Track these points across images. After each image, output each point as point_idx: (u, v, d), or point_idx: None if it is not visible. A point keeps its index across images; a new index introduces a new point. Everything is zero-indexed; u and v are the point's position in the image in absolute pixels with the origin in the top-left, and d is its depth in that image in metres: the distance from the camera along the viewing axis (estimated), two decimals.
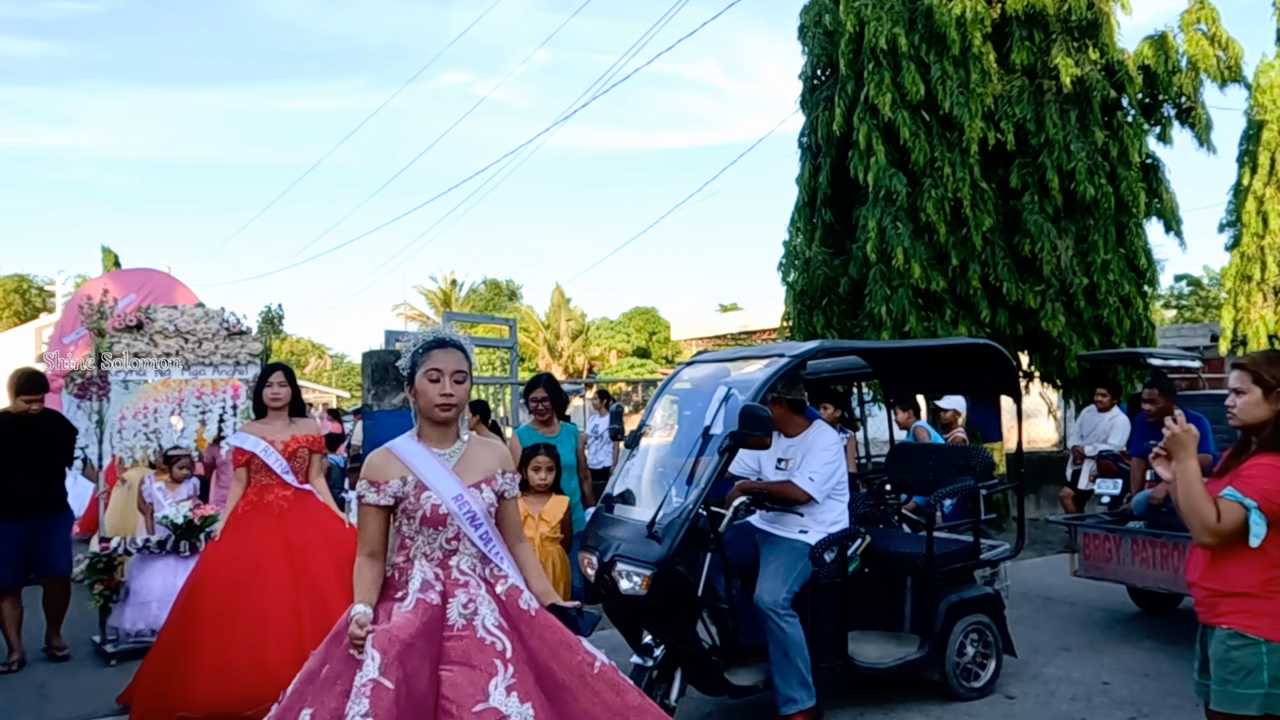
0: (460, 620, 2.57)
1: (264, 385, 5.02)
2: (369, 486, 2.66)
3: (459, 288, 38.01)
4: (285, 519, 4.80)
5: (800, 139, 10.25)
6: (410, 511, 2.65)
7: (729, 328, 21.77)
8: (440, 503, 2.64)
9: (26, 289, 35.88)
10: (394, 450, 2.70)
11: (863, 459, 7.67)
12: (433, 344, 2.70)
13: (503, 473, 2.80)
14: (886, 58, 9.05)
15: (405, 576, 2.64)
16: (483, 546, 2.70)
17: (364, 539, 2.68)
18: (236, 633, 4.42)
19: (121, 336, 6.01)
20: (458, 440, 2.77)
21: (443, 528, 2.66)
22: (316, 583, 4.59)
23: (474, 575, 2.67)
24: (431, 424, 2.73)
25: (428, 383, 2.66)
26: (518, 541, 2.87)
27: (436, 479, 2.66)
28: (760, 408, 4.03)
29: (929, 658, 4.63)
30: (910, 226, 8.92)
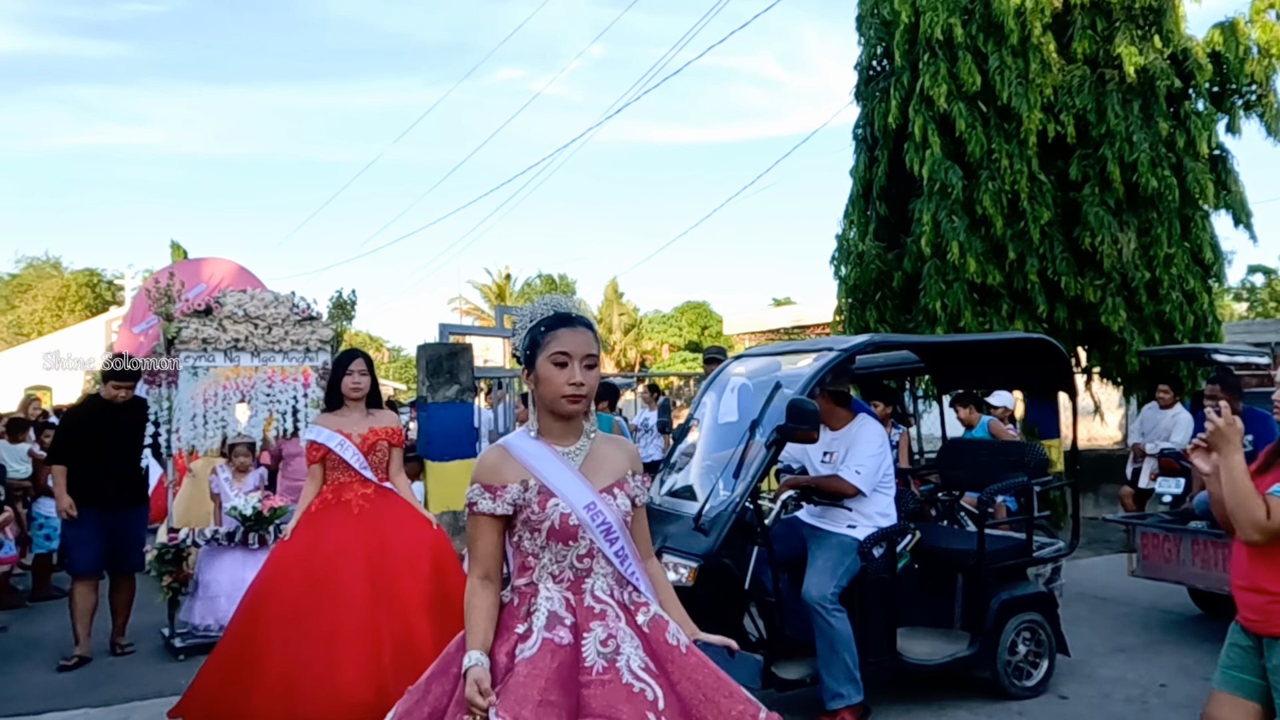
0: (600, 662, 2.10)
1: (343, 374, 4.50)
2: (482, 491, 2.19)
3: (513, 282, 38.33)
4: (364, 520, 4.32)
5: (855, 131, 10.16)
6: (534, 523, 2.18)
7: (781, 322, 21.63)
8: (570, 512, 2.17)
9: (97, 282, 36.99)
10: (511, 448, 2.25)
11: (916, 455, 7.60)
12: (558, 321, 2.22)
13: (633, 474, 2.34)
14: (942, 48, 8.92)
15: (529, 605, 2.17)
16: (619, 565, 2.23)
17: (476, 556, 2.21)
18: (304, 646, 3.93)
19: (190, 321, 5.82)
20: (582, 436, 2.30)
21: (573, 542, 2.18)
22: (397, 593, 4.13)
23: (611, 602, 2.20)
24: (554, 417, 2.25)
25: (553, 368, 2.18)
26: (648, 556, 2.39)
27: (564, 483, 2.20)
28: (808, 401, 4.03)
29: (979, 655, 4.58)
30: (966, 220, 8.79)
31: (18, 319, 35.72)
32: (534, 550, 2.20)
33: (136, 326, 9.64)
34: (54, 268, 37.56)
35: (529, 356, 2.23)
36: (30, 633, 6.39)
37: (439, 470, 7.46)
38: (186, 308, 5.88)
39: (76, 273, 37.27)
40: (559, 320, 2.23)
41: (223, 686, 4.02)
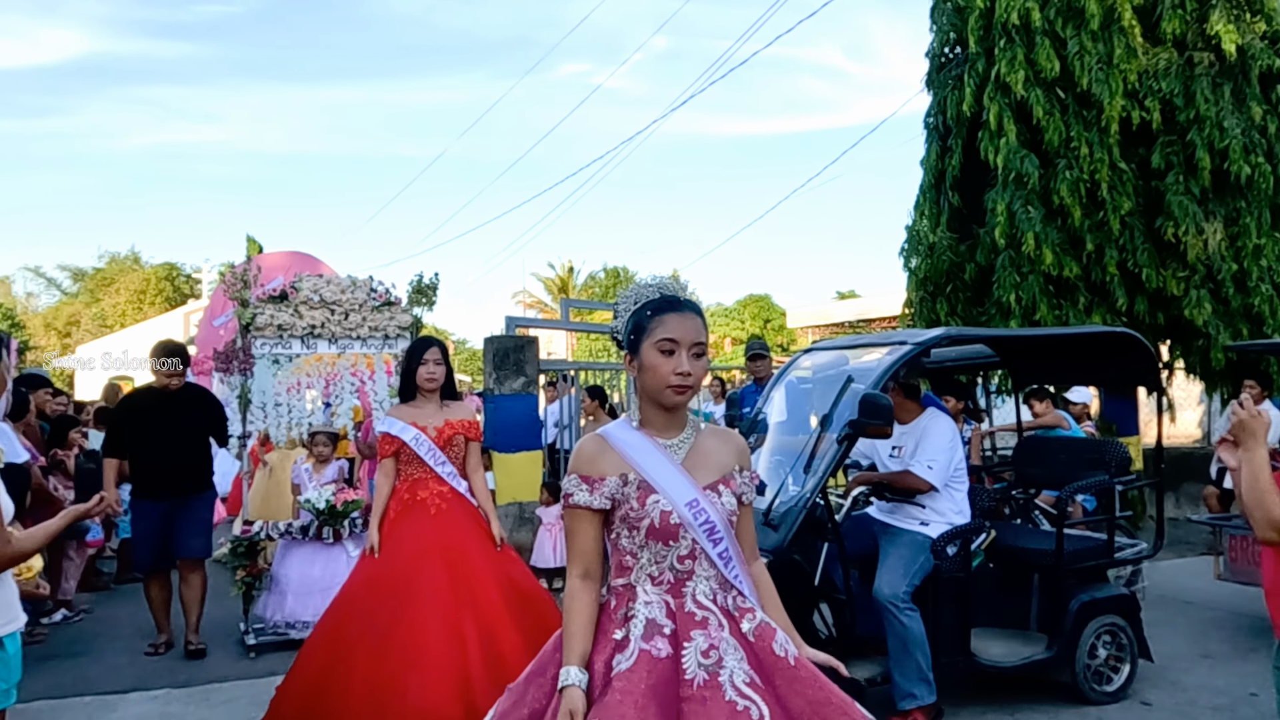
0: (701, 675, 1.94)
1: (418, 363, 4.27)
2: (579, 483, 2.06)
3: (575, 275, 38.53)
4: (442, 523, 4.13)
5: (926, 120, 9.94)
6: (632, 520, 2.04)
7: (846, 315, 21.35)
8: (671, 509, 2.03)
9: (175, 276, 38.20)
10: (610, 438, 2.11)
11: (988, 451, 7.42)
12: (665, 305, 2.07)
13: (740, 470, 2.18)
14: (1019, 33, 8.66)
15: (627, 609, 2.04)
16: (723, 568, 2.07)
17: (575, 552, 2.09)
18: (389, 661, 3.77)
19: (265, 307, 5.63)
20: (686, 428, 2.15)
21: (674, 542, 2.03)
22: (480, 603, 3.95)
23: (714, 608, 2.04)
24: (657, 408, 2.10)
25: (658, 355, 2.03)
26: (753, 559, 2.22)
27: (666, 478, 2.05)
28: (881, 396, 3.95)
29: (1057, 658, 4.45)
30: (1042, 210, 8.53)
31: (102, 312, 37.07)
32: (632, 549, 2.07)
33: (217, 320, 9.54)
34: (135, 262, 38.88)
35: (632, 342, 2.08)
36: (114, 615, 6.62)
37: (505, 462, 7.52)
38: (262, 292, 5.70)
39: (156, 267, 38.52)
40: (666, 304, 2.08)
41: (308, 703, 3.86)
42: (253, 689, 4.81)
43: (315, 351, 5.77)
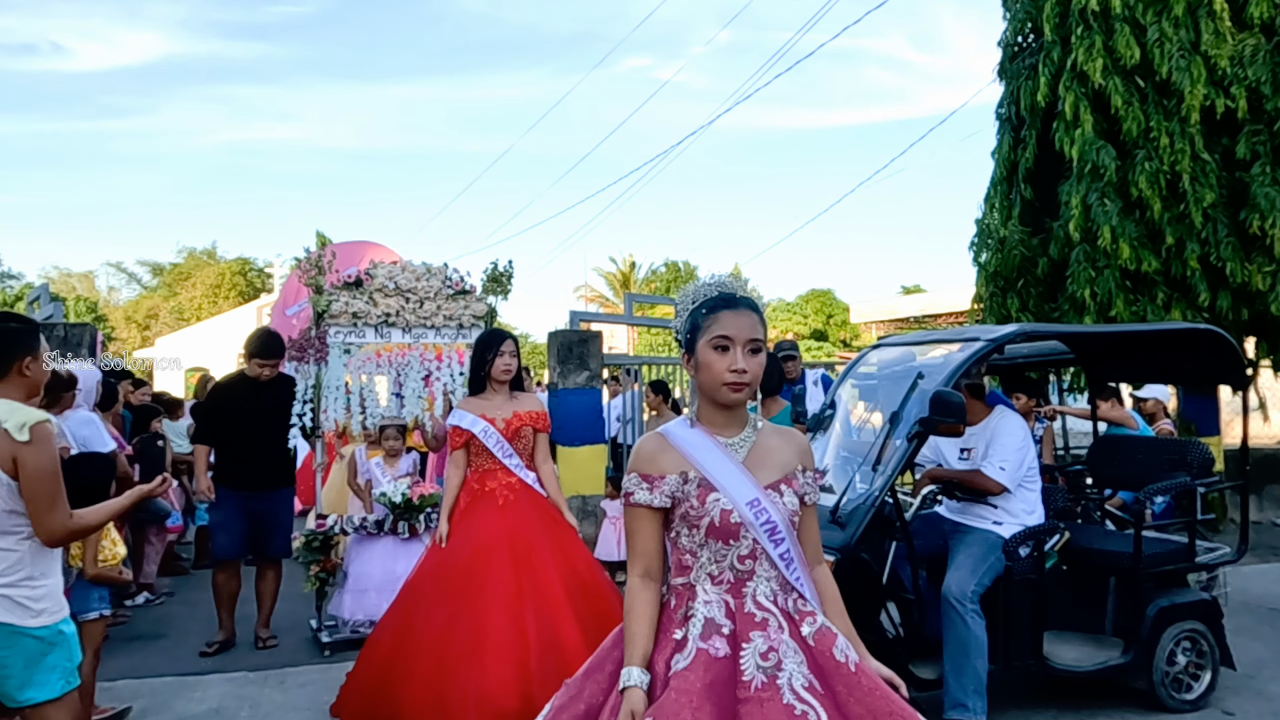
0: (760, 677, 1.91)
1: (494, 355, 4.27)
2: (639, 481, 2.05)
3: (637, 269, 38.58)
4: (509, 514, 4.15)
5: (998, 111, 9.71)
6: (692, 519, 2.02)
7: (911, 310, 20.99)
8: (732, 508, 2.00)
9: (249, 271, 39.25)
10: (670, 436, 2.10)
11: (1060, 450, 7.24)
12: (720, 303, 2.07)
13: (803, 470, 2.14)
14: (1097, 20, 8.41)
15: (686, 607, 2.02)
16: (784, 569, 2.04)
17: (635, 551, 2.07)
18: (452, 649, 3.82)
19: (339, 294, 5.51)
20: (746, 426, 2.13)
21: (734, 541, 2.01)
22: (543, 595, 3.95)
23: (774, 610, 2.01)
24: (715, 406, 2.09)
25: (713, 353, 2.03)
26: (816, 562, 2.18)
27: (726, 476, 2.03)
28: (954, 393, 3.88)
29: (1134, 664, 4.33)
30: (1119, 203, 8.28)
31: (179, 305, 38.26)
32: (692, 548, 2.04)
33: (289, 309, 9.37)
34: (211, 257, 40.04)
35: (689, 340, 2.09)
36: (193, 598, 6.84)
37: (569, 455, 7.57)
38: (337, 279, 5.58)
39: (230, 262, 39.59)
40: (721, 302, 2.07)
41: (376, 689, 3.95)
42: (326, 674, 4.93)
43: (388, 340, 5.66)
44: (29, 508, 2.77)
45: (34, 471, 2.75)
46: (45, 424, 2.82)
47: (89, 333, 7.04)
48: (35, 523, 2.79)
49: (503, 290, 5.90)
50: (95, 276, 41.51)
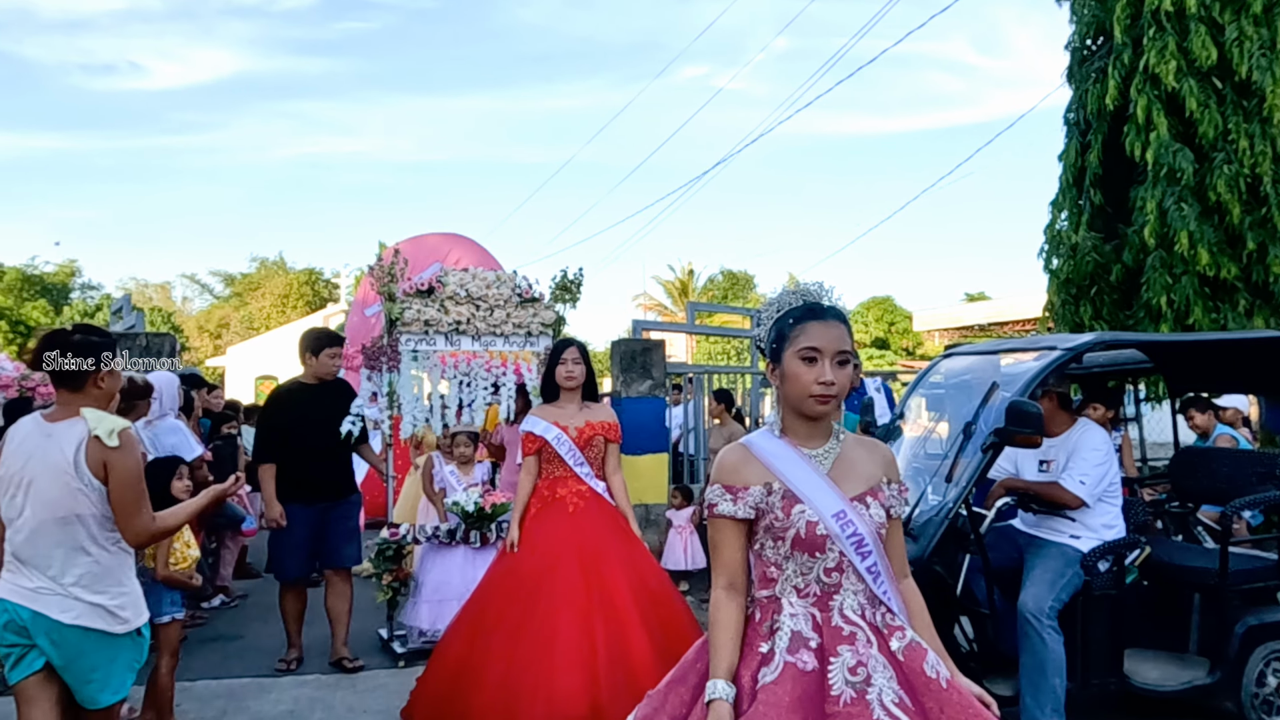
0: (849, 692, 1.88)
1: (556, 363, 4.36)
2: (723, 492, 2.04)
3: (695, 277, 38.54)
4: (580, 519, 4.19)
5: (1066, 115, 9.49)
6: (777, 530, 2.00)
7: (977, 318, 20.63)
8: (817, 520, 1.98)
9: (316, 280, 40.14)
10: (753, 447, 2.09)
11: (1139, 462, 7.04)
12: (807, 314, 2.05)
13: (888, 482, 2.12)
14: (1171, 21, 8.18)
15: (771, 620, 1.99)
16: (871, 582, 2.01)
17: (719, 564, 2.06)
18: (522, 653, 3.85)
19: (412, 302, 5.50)
20: (830, 437, 2.11)
21: (821, 554, 1.99)
22: (612, 603, 3.96)
23: (862, 624, 1.98)
24: (800, 417, 2.07)
25: (800, 364, 2.01)
26: (903, 575, 2.14)
27: (811, 488, 2.01)
28: (1031, 403, 3.80)
29: (1220, 684, 4.18)
30: (1197, 207, 8.02)
31: (249, 314, 39.28)
32: (777, 560, 2.02)
33: (369, 309, 9.04)
34: (280, 267, 41.05)
35: (774, 350, 2.07)
36: (267, 601, 6.96)
37: (632, 464, 7.58)
38: (409, 287, 5.56)
39: (298, 272, 40.55)
40: (808, 312, 2.05)
41: (447, 693, 3.98)
42: (397, 678, 5.02)
43: (457, 348, 5.67)
44: (117, 511, 2.87)
45: (122, 475, 2.86)
46: (129, 430, 2.93)
47: (169, 341, 7.26)
48: (123, 525, 2.89)
49: (572, 298, 5.91)
50: (171, 287, 42.89)
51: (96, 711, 2.90)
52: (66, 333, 2.97)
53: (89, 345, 2.94)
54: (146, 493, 2.95)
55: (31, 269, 35.55)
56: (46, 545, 2.84)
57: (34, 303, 32.92)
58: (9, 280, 34.42)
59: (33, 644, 2.82)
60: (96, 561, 2.88)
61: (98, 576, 2.87)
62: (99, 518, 2.88)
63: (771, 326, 2.11)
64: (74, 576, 2.84)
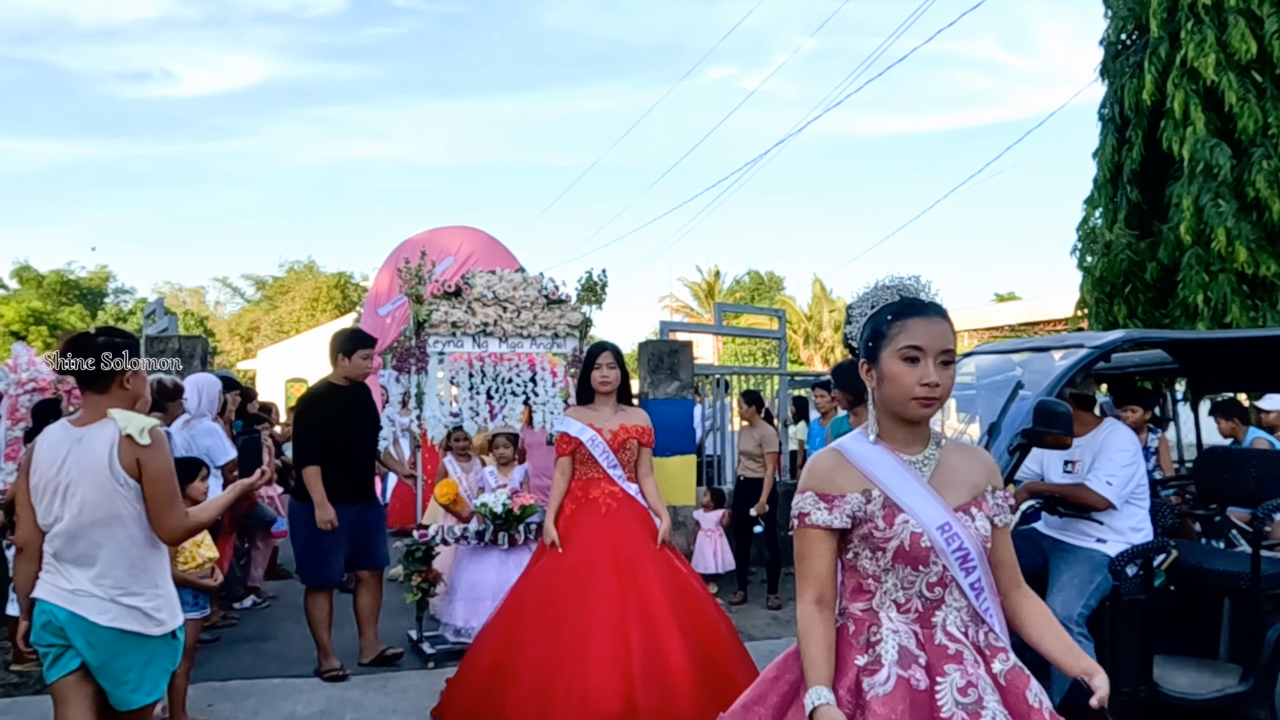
0: (960, 714, 1.78)
1: (592, 367, 4.34)
2: (816, 501, 1.91)
3: (721, 279, 38.44)
4: (613, 520, 4.19)
5: (1101, 111, 9.39)
6: (877, 541, 1.88)
7: (1008, 318, 20.42)
8: (921, 531, 1.86)
9: (345, 284, 40.50)
10: (847, 453, 1.95)
11: (1176, 464, 6.93)
12: (908, 309, 1.92)
13: (992, 490, 1.99)
14: (1209, 14, 8.06)
15: (869, 634, 1.89)
16: (974, 599, 1.90)
17: (808, 576, 1.91)
18: (556, 652, 3.85)
19: (439, 304, 5.49)
20: (930, 443, 1.97)
21: (924, 568, 1.87)
22: (645, 602, 3.95)
23: (966, 642, 1.87)
24: (898, 421, 1.94)
25: (900, 364, 1.87)
26: (1015, 587, 2.02)
27: (913, 497, 1.89)
28: (1059, 403, 3.72)
29: (1254, 692, 4.07)
30: (1234, 204, 7.90)
31: (279, 318, 39.72)
32: (875, 572, 1.90)
33: (382, 308, 8.92)
34: (311, 271, 41.48)
35: (870, 349, 1.93)
36: (297, 602, 7.02)
37: (659, 465, 7.51)
38: (436, 288, 5.55)
39: (328, 276, 40.95)
40: (909, 307, 1.91)
41: (480, 694, 3.98)
42: (427, 679, 5.04)
43: (485, 349, 5.67)
44: (151, 508, 2.91)
45: (155, 473, 2.89)
46: (159, 428, 2.97)
47: (200, 344, 7.36)
48: (157, 522, 2.93)
49: (597, 300, 5.91)
50: (205, 291, 43.50)
51: (130, 713, 2.93)
52: (90, 335, 3.00)
53: (111, 347, 2.96)
54: (179, 489, 2.99)
55: (68, 274, 36.23)
56: (87, 547, 2.87)
57: (70, 308, 33.54)
58: (48, 283, 35.11)
59: (69, 644, 2.86)
60: (135, 563, 2.91)
61: (136, 578, 2.91)
62: (137, 518, 2.92)
63: (866, 323, 1.97)
64: (114, 578, 2.87)
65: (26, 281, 35.04)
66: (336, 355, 5.27)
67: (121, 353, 2.97)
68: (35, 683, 4.89)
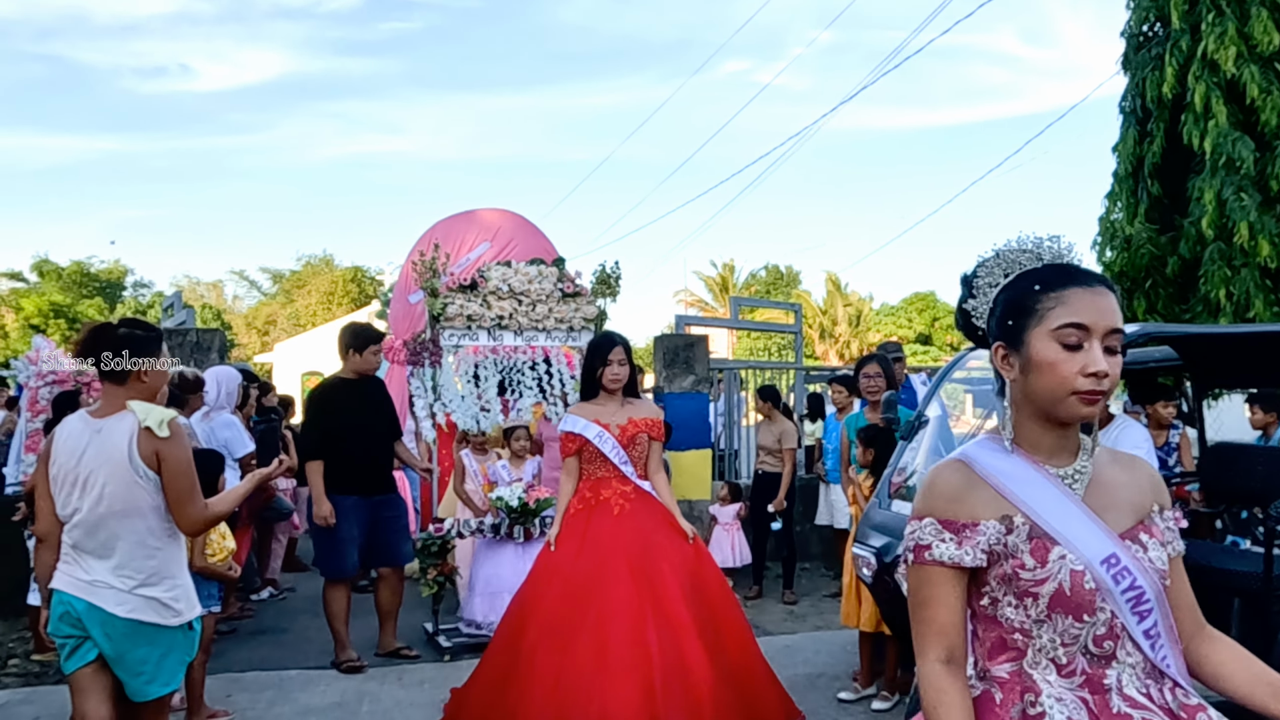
0: None
1: (602, 364, 4.12)
2: (939, 530, 1.48)
3: (736, 273, 38.37)
4: (625, 523, 3.97)
5: (1121, 104, 9.29)
6: (1026, 584, 1.45)
7: None
8: (1084, 569, 1.43)
9: (361, 278, 40.64)
10: (976, 466, 1.51)
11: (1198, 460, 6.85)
12: (1064, 276, 1.49)
13: (1160, 510, 1.55)
14: (1231, 6, 7.96)
15: (1024, 704, 1.46)
16: (1149, 650, 1.47)
17: (932, 628, 1.48)
18: (571, 662, 3.63)
19: (455, 297, 5.45)
20: (1080, 452, 1.52)
21: (1089, 616, 1.44)
22: (665, 610, 3.73)
23: (1155, 709, 1.44)
24: (1047, 423, 1.50)
25: (1056, 349, 1.44)
26: (1198, 630, 1.57)
27: (1071, 524, 1.46)
28: None
29: None
30: (1258, 198, 7.81)
31: (295, 311, 39.89)
32: (1023, 624, 1.47)
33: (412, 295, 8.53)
34: (326, 265, 41.63)
35: (1009, 329, 1.50)
36: (314, 594, 7.06)
37: (675, 459, 7.55)
38: (455, 280, 5.48)
39: (344, 269, 41.10)
40: (1065, 274, 1.49)
41: (490, 705, 3.82)
42: (443, 671, 5.05)
43: (500, 343, 5.61)
44: (170, 500, 2.90)
45: (174, 465, 2.88)
46: (177, 419, 2.95)
47: (218, 338, 7.38)
48: (176, 513, 2.92)
49: (611, 292, 5.87)
50: (223, 285, 43.74)
51: (146, 704, 2.93)
52: (112, 326, 2.98)
53: (133, 339, 2.94)
54: (198, 481, 2.98)
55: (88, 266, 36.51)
56: (106, 539, 2.87)
57: (90, 301, 33.78)
58: (68, 275, 35.37)
59: (87, 635, 2.86)
60: (154, 554, 2.91)
61: (155, 570, 2.90)
62: (157, 509, 2.91)
63: (999, 295, 1.54)
64: (132, 570, 2.87)
65: (46, 274, 35.33)
66: (347, 350, 5.29)
67: (143, 345, 2.95)
68: (56, 672, 4.91)
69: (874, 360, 5.55)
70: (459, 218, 8.24)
